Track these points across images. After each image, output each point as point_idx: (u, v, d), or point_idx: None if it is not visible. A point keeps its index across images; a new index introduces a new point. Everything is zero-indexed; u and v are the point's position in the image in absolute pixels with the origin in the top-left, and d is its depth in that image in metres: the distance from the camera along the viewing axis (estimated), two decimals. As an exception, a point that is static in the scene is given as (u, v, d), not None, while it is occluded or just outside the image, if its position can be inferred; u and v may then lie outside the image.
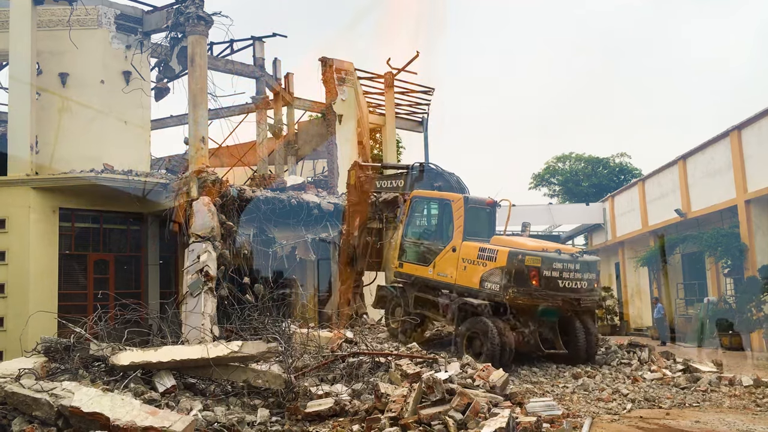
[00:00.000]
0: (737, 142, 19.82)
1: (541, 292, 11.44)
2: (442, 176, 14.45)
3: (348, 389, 8.83)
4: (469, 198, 13.02)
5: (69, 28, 17.05)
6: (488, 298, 11.73)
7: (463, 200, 12.80)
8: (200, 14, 15.87)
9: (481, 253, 12.12)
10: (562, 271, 11.70)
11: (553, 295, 11.56)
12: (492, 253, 11.89)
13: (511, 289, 11.35)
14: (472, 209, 12.92)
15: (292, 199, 17.65)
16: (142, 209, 16.96)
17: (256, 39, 23.34)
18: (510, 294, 11.36)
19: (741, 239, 19.43)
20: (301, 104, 27.11)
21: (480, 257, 12.10)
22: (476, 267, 12.11)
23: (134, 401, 7.11)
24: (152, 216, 17.39)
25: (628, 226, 29.82)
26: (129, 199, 16.24)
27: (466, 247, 12.48)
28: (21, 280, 14.98)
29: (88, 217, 16.78)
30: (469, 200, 12.93)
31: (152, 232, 17.72)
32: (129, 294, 14.48)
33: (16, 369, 7.92)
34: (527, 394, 9.12)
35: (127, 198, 16.16)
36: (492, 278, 11.71)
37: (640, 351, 12.90)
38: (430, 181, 14.64)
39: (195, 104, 15.88)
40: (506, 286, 11.39)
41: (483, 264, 11.98)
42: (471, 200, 12.98)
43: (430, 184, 14.56)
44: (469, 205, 12.82)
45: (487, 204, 13.38)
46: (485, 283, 11.81)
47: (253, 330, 10.43)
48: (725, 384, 10.47)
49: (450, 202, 13.07)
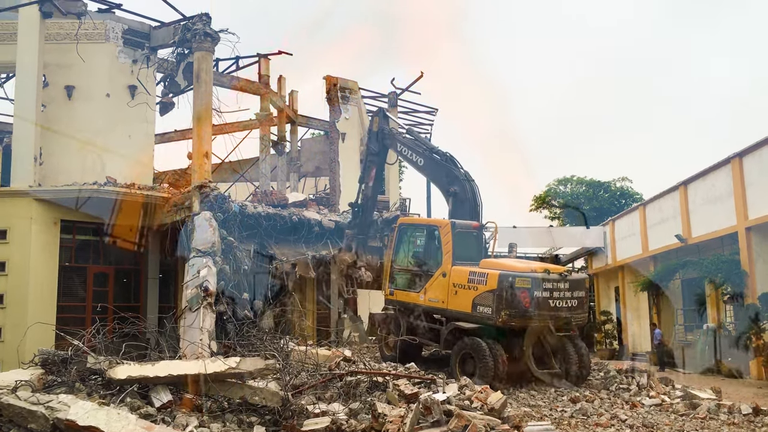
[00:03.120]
0: (738, 169, 19.84)
1: (533, 313, 11.48)
2: (461, 183, 14.09)
3: (345, 408, 8.78)
4: (456, 223, 13.03)
5: (76, 41, 17.19)
6: (481, 321, 11.76)
7: (450, 225, 12.85)
8: (207, 31, 16.01)
9: (471, 277, 12.16)
10: (552, 291, 11.77)
11: (545, 315, 11.62)
12: (482, 277, 11.92)
13: (503, 312, 11.39)
14: (460, 233, 12.95)
15: (293, 216, 17.68)
16: (143, 223, 16.98)
17: (262, 56, 23.50)
18: (503, 316, 11.40)
19: (741, 266, 19.39)
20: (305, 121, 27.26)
21: (471, 281, 12.14)
22: (467, 291, 12.14)
23: (130, 416, 7.07)
24: (153, 230, 17.40)
25: (628, 251, 29.77)
26: (131, 213, 16.26)
27: (456, 271, 12.52)
28: (20, 291, 14.97)
29: (89, 229, 16.79)
30: (456, 225, 12.96)
31: (153, 245, 17.72)
32: (128, 307, 14.48)
33: (13, 380, 7.90)
34: (525, 417, 9.06)
35: (128, 211, 16.19)
36: (484, 301, 11.76)
37: (639, 376, 12.84)
38: (448, 181, 14.29)
39: (199, 119, 15.95)
40: (498, 309, 11.43)
41: (474, 288, 12.02)
42: (458, 225, 13.01)
43: (447, 186, 14.29)
44: (456, 230, 12.86)
45: (474, 227, 13.40)
46: (478, 307, 11.86)
47: (250, 346, 10.41)
48: (724, 412, 10.40)
49: (437, 228, 13.12)
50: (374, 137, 16.07)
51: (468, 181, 14.05)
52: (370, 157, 16.28)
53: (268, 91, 23.61)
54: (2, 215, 15.38)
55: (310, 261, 18.09)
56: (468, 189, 14.02)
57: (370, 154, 16.26)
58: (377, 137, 15.96)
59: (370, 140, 16.34)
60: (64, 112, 17.55)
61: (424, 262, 13.38)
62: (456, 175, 14.22)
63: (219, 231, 14.93)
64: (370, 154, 16.26)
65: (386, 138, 15.82)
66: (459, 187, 13.99)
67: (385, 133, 15.84)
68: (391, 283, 14.27)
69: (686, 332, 24.78)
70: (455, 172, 14.27)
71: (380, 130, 15.92)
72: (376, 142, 15.99)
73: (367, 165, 16.35)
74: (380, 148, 15.99)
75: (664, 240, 25.10)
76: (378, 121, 16.06)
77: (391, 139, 15.79)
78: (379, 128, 15.94)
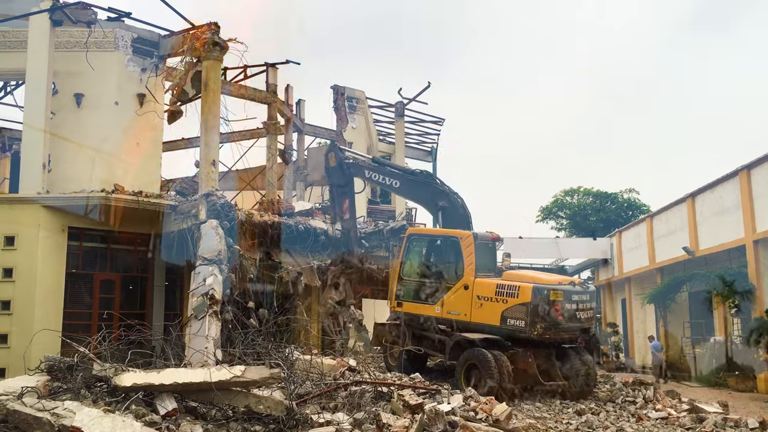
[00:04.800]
0: (746, 182, 19.80)
1: (564, 325, 11.58)
2: (448, 197, 14.18)
3: (349, 418, 8.76)
4: (478, 234, 13.00)
5: (86, 49, 17.29)
6: (511, 334, 11.77)
7: (472, 237, 12.78)
8: (216, 40, 16.08)
9: (499, 289, 12.08)
10: (578, 303, 11.89)
11: (573, 327, 11.79)
12: (513, 290, 11.88)
13: (538, 325, 11.41)
14: (480, 245, 12.89)
15: (299, 225, 17.68)
16: (150, 230, 17.02)
17: (270, 65, 23.58)
18: (538, 329, 11.43)
19: (749, 279, 19.31)
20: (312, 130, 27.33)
21: (499, 294, 12.05)
22: (495, 304, 12.07)
23: (135, 423, 7.08)
24: (160, 238, 17.44)
25: (635, 263, 29.70)
26: (138, 220, 16.31)
27: (481, 284, 12.41)
28: (27, 298, 14.99)
29: (96, 236, 16.83)
30: (478, 236, 12.91)
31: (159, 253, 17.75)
32: (133, 315, 14.48)
33: (19, 387, 7.93)
34: (530, 429, 9.02)
35: (135, 219, 16.24)
36: (516, 314, 11.73)
37: (645, 389, 12.78)
38: (433, 198, 14.39)
39: (207, 128, 16.00)
40: (533, 322, 11.44)
41: (503, 301, 11.95)
42: (480, 236, 12.96)
43: (433, 202, 14.35)
44: (478, 241, 12.80)
45: (492, 239, 13.40)
46: (508, 320, 11.80)
47: (256, 355, 10.40)
48: (731, 425, 10.34)
49: (459, 239, 12.99)
50: (337, 171, 15.83)
51: (453, 194, 14.16)
52: (339, 190, 15.97)
53: (276, 99, 23.69)
54: (10, 222, 15.44)
55: (315, 270, 18.10)
56: (455, 201, 14.10)
57: (338, 187, 15.97)
58: (341, 169, 15.73)
59: (333, 175, 16.03)
60: (72, 120, 17.63)
61: (442, 274, 13.28)
62: (441, 190, 14.33)
63: (225, 239, 14.95)
64: (338, 187, 15.97)
65: (350, 167, 15.62)
66: (447, 201, 14.13)
67: (348, 162, 15.64)
68: (399, 294, 14.15)
69: (693, 345, 24.66)
70: (439, 187, 14.39)
71: (339, 162, 15.69)
72: (341, 174, 15.76)
73: (338, 199, 16.01)
74: (347, 179, 15.75)
75: (672, 252, 25.03)
76: (334, 155, 15.88)
77: (356, 168, 15.61)
78: (338, 161, 15.71)
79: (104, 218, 15.84)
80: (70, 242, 16.16)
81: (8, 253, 15.25)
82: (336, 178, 15.97)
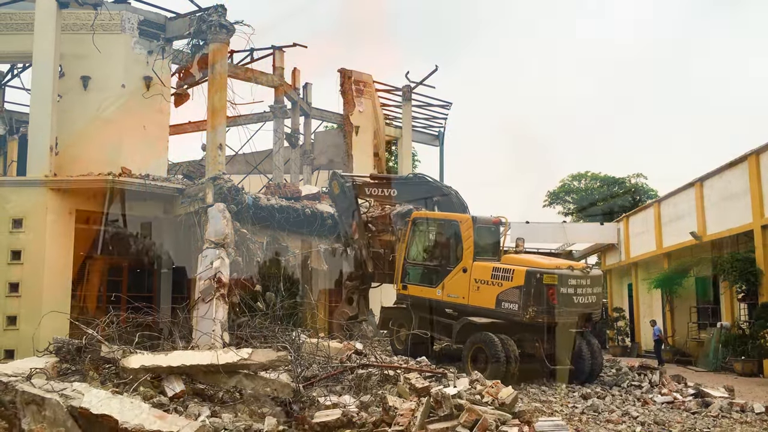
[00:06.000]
0: (755, 167, 19.64)
1: (559, 309, 11.50)
2: (441, 190, 14.45)
3: (356, 401, 8.81)
4: (478, 218, 13.05)
5: (92, 32, 17.23)
6: (506, 317, 11.74)
7: (471, 220, 12.83)
8: (223, 23, 16.04)
9: (495, 273, 12.10)
10: (576, 287, 11.77)
11: (569, 311, 11.65)
12: (508, 273, 11.87)
13: (531, 308, 11.38)
14: (480, 228, 12.95)
15: (306, 209, 17.70)
16: (157, 214, 17.06)
17: (277, 48, 23.51)
18: (530, 313, 11.39)
19: (756, 264, 19.23)
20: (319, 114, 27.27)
21: (495, 277, 12.08)
22: (491, 287, 12.09)
23: (143, 405, 7.14)
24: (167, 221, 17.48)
25: (642, 247, 29.57)
26: (145, 204, 16.35)
27: (478, 267, 12.46)
28: (35, 280, 15.08)
29: (103, 219, 16.87)
30: (478, 220, 12.95)
31: (167, 237, 17.80)
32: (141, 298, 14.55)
33: (28, 368, 7.99)
34: (536, 413, 9.06)
35: (142, 202, 16.27)
36: (509, 298, 11.72)
37: (651, 373, 12.80)
38: (429, 194, 14.63)
39: (214, 111, 16.00)
40: (526, 305, 11.41)
41: (498, 284, 11.97)
42: (479, 220, 13.01)
43: (429, 198, 14.55)
44: (477, 225, 12.85)
45: (494, 223, 13.41)
46: (503, 303, 11.81)
47: (263, 338, 10.45)
48: (737, 410, 10.35)
49: (458, 223, 13.07)
50: (341, 196, 16.18)
51: (446, 188, 14.46)
52: (345, 213, 16.32)
53: (283, 83, 23.63)
54: (18, 204, 15.49)
55: (322, 254, 18.14)
56: (449, 194, 14.33)
57: (344, 211, 16.31)
58: (344, 194, 16.07)
59: (338, 201, 16.43)
60: (79, 103, 17.63)
61: (443, 257, 13.37)
62: (434, 186, 14.62)
63: (232, 223, 14.99)
64: (345, 211, 16.31)
65: (353, 190, 15.98)
66: (441, 195, 14.29)
67: (350, 186, 16.00)
68: (404, 277, 14.27)
69: (699, 330, 24.63)
70: (432, 184, 14.70)
71: (342, 188, 16.07)
72: (344, 198, 16.10)
73: (346, 222, 16.35)
74: (350, 202, 16.08)
75: (679, 237, 24.91)
76: (336, 183, 16.27)
77: (358, 189, 15.98)
78: (341, 188, 16.10)
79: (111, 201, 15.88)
80: (78, 225, 16.21)
81: (16, 236, 15.32)
82: (341, 203, 16.33)
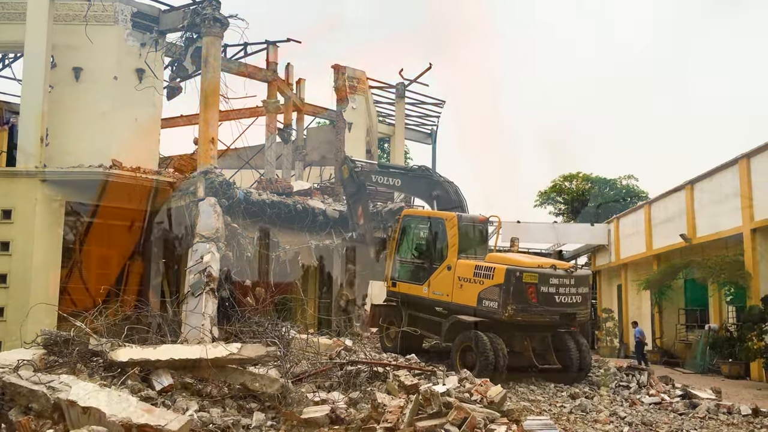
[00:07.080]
0: (746, 170, 19.76)
1: (539, 308, 11.50)
2: (441, 185, 14.50)
3: (345, 397, 8.80)
4: (463, 216, 13.09)
5: (85, 23, 17.11)
6: (486, 315, 11.75)
7: (456, 218, 12.87)
8: (216, 16, 15.97)
9: (477, 270, 12.14)
10: (558, 287, 11.77)
11: (550, 311, 11.63)
12: (489, 271, 11.90)
13: (509, 306, 11.37)
14: (466, 227, 12.98)
15: (297, 204, 17.67)
16: (147, 207, 16.98)
17: (270, 43, 23.41)
18: (509, 311, 11.38)
19: (745, 268, 19.34)
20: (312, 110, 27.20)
21: (476, 275, 12.12)
22: (473, 285, 12.12)
23: (131, 398, 7.10)
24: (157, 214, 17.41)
25: (632, 249, 29.70)
26: (135, 196, 16.26)
27: (462, 265, 12.50)
28: (24, 272, 15.00)
29: (93, 212, 16.78)
30: (463, 218, 12.99)
31: (157, 229, 17.72)
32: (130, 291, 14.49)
33: (15, 360, 7.94)
34: (524, 411, 9.07)
35: (133, 195, 16.19)
36: (490, 296, 11.74)
37: (639, 374, 12.84)
38: (428, 188, 14.69)
39: (206, 105, 15.95)
40: (505, 303, 11.41)
41: (480, 282, 12.00)
42: (464, 218, 13.06)
43: (428, 192, 14.62)
44: (462, 222, 12.88)
45: (480, 221, 13.44)
46: (483, 301, 11.84)
47: (252, 333, 10.42)
48: (723, 412, 10.40)
49: (443, 221, 13.10)
50: (349, 180, 16.37)
51: (447, 183, 14.38)
52: (353, 198, 16.54)
53: (276, 78, 23.55)
54: (7, 195, 15.39)
55: (313, 250, 18.11)
56: (449, 190, 14.30)
57: (352, 195, 16.52)
58: (352, 179, 16.26)
59: (346, 185, 16.67)
60: (71, 94, 17.50)
61: (429, 254, 13.41)
62: (435, 180, 14.64)
63: (223, 217, 14.93)
64: (352, 196, 16.53)
65: (361, 175, 16.18)
66: (440, 190, 14.43)
67: (359, 171, 16.21)
68: (394, 275, 14.32)
69: (687, 332, 24.78)
70: (434, 178, 14.77)
71: (351, 172, 16.26)
72: (353, 183, 16.29)
73: (353, 207, 16.57)
74: (358, 187, 16.28)
75: (669, 239, 25.03)
76: (346, 166, 16.49)
77: (365, 175, 16.20)
78: (350, 171, 16.29)
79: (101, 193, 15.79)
80: (68, 217, 16.13)
81: (5, 227, 15.23)
82: (349, 187, 16.51)
